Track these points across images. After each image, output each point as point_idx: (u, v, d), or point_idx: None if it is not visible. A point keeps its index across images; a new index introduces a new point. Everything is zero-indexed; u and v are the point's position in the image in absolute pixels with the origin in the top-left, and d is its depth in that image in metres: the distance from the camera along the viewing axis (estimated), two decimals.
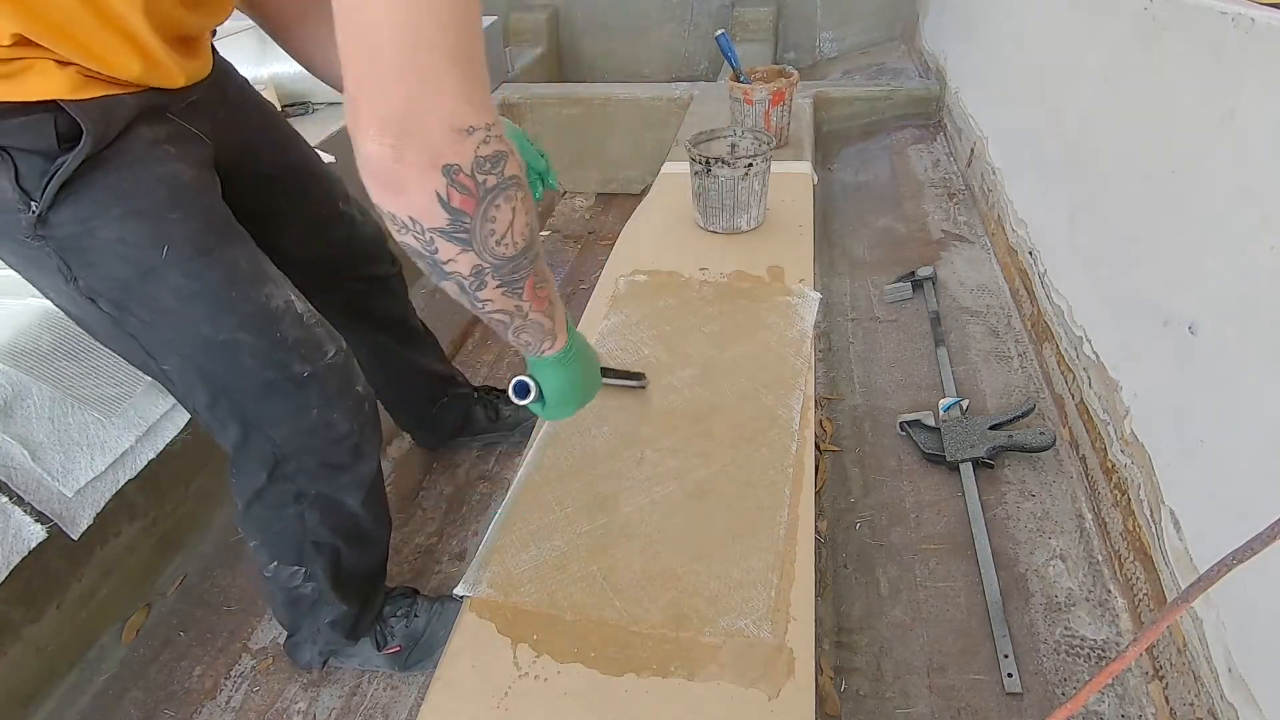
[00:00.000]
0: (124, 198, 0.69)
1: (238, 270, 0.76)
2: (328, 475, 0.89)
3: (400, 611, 1.11)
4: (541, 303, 0.68)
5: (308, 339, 0.82)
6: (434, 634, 1.10)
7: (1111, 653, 1.01)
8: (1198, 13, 1.05)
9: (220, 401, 0.81)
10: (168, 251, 0.71)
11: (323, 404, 0.84)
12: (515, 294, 0.64)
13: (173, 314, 0.74)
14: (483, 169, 0.53)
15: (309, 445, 0.85)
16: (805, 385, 1.12)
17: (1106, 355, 1.22)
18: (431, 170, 0.51)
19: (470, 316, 1.97)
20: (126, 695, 1.12)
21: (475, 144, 0.52)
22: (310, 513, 0.91)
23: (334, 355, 0.85)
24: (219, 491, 1.40)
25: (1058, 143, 1.54)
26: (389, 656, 1.10)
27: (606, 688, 0.77)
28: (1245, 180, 0.91)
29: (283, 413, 0.83)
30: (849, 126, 2.59)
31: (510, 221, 0.57)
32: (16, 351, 1.00)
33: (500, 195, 0.55)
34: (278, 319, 0.79)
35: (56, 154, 0.65)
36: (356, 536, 0.97)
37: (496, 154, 0.53)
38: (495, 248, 0.58)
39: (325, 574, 0.96)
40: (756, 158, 1.43)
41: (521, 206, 0.58)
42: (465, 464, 1.51)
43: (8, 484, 0.99)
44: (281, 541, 0.93)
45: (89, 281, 0.71)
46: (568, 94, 2.62)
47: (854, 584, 1.15)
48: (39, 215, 0.66)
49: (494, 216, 0.56)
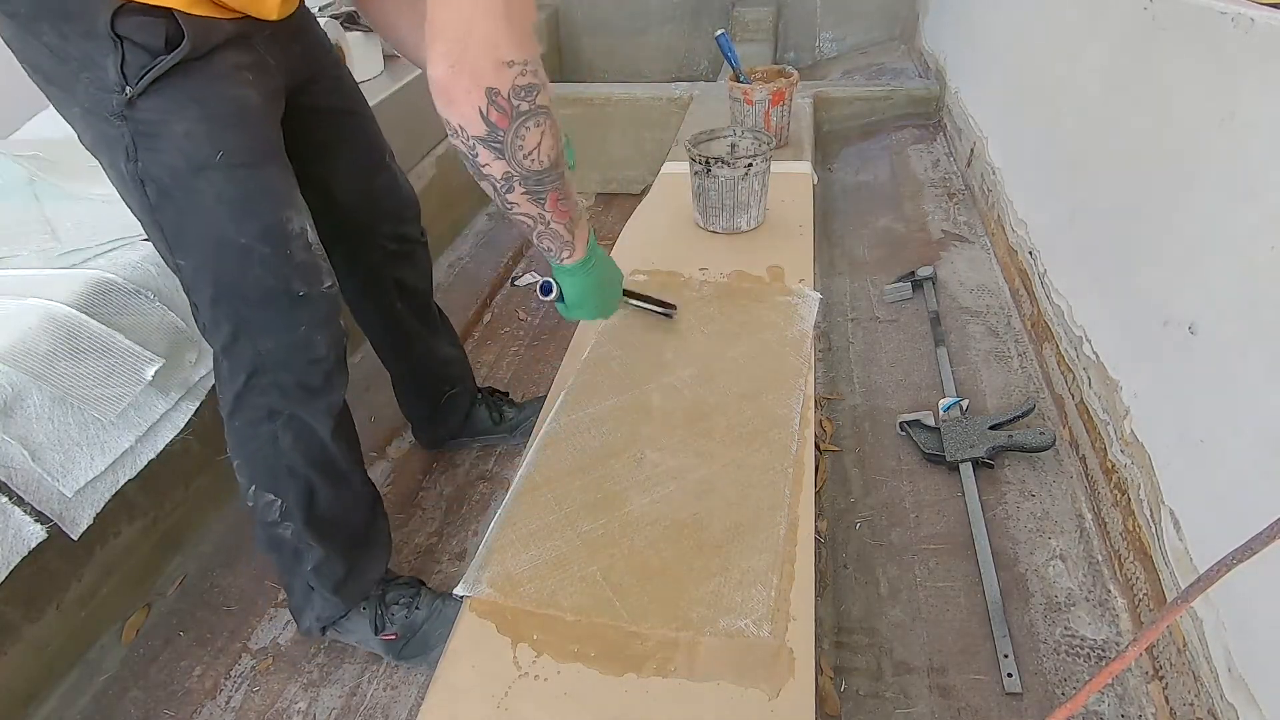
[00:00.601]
0: (200, 103, 0.80)
1: (272, 189, 0.87)
2: (300, 396, 0.96)
3: (404, 600, 1.13)
4: (562, 215, 0.82)
5: (311, 265, 0.91)
6: (431, 631, 1.12)
7: (1111, 653, 1.01)
8: (1197, 13, 1.05)
9: (221, 302, 0.89)
10: (221, 156, 0.82)
11: (310, 324, 0.92)
12: (539, 203, 0.79)
13: (206, 211, 0.84)
14: (518, 95, 0.68)
15: (289, 361, 0.93)
16: (805, 385, 1.12)
17: (1106, 355, 1.22)
18: (476, 90, 0.67)
19: (472, 317, 1.97)
20: (126, 695, 1.12)
21: (514, 75, 0.67)
22: (284, 434, 0.97)
23: (329, 286, 0.94)
24: (219, 491, 1.40)
25: (1058, 143, 1.54)
26: (385, 642, 1.12)
27: (606, 688, 0.77)
28: (1245, 180, 0.91)
29: (274, 323, 0.91)
30: (849, 126, 2.59)
31: (538, 143, 0.73)
32: (16, 352, 1.00)
33: (531, 119, 0.70)
34: (291, 239, 0.89)
35: (160, 52, 0.76)
36: (330, 473, 1.03)
37: (531, 85, 0.69)
38: (524, 161, 0.73)
39: (300, 509, 1.01)
40: (756, 158, 1.43)
41: (550, 132, 0.73)
42: (465, 464, 1.51)
43: (8, 484, 0.98)
44: (258, 462, 0.99)
45: (147, 165, 0.81)
46: (567, 94, 2.61)
47: (854, 584, 1.15)
48: (129, 99, 0.77)
49: (524, 135, 0.71)
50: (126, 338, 1.10)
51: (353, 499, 1.08)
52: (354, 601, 1.11)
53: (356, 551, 1.10)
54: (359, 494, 1.09)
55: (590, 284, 0.94)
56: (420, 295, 1.30)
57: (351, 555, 1.09)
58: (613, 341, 1.25)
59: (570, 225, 0.85)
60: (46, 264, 1.15)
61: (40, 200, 1.33)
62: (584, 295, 0.96)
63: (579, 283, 0.94)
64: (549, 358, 1.83)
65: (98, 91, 0.77)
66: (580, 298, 0.96)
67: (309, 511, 1.02)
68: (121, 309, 1.13)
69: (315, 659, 1.17)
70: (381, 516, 1.15)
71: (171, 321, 1.19)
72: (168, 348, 1.17)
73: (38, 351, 1.02)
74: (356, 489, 1.09)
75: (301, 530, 1.02)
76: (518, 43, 0.66)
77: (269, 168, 0.87)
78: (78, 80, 0.77)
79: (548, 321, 1.98)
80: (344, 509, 1.07)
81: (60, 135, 1.50)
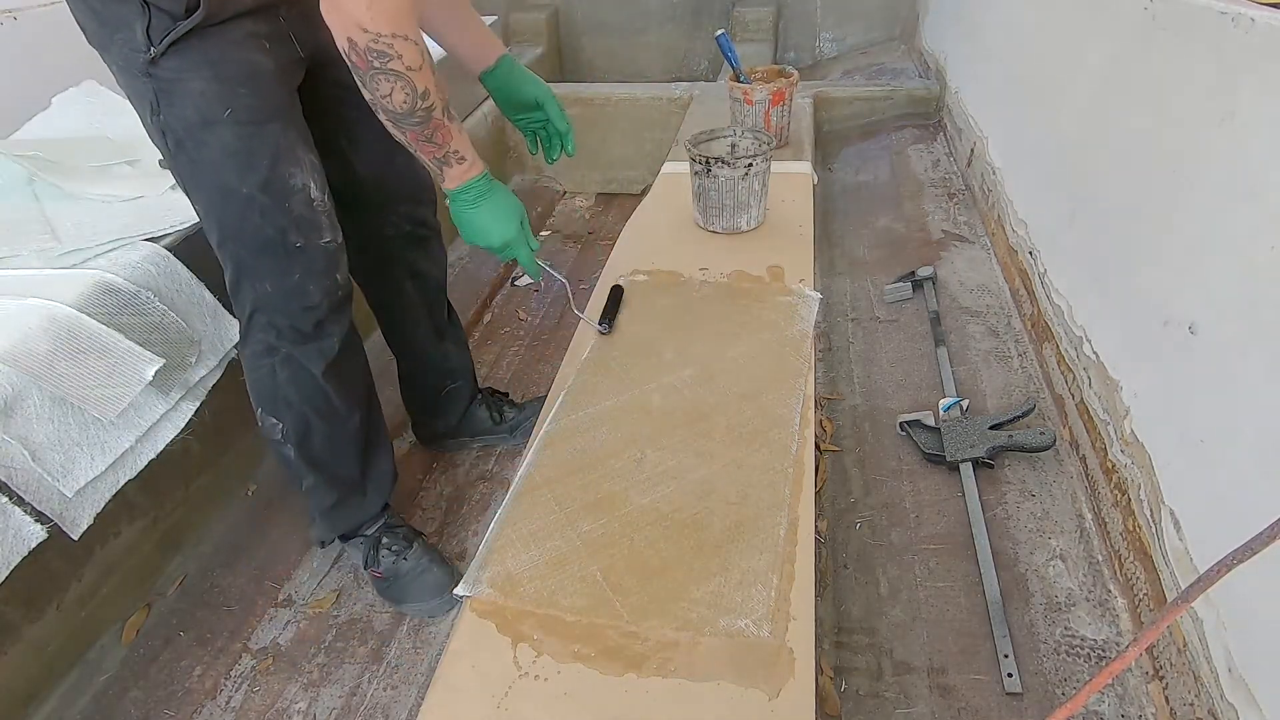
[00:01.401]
0: (213, 64, 0.90)
1: (276, 146, 0.96)
2: (294, 337, 1.06)
3: (395, 548, 1.22)
4: (427, 151, 0.92)
5: (310, 219, 1.00)
6: (409, 584, 1.21)
7: (1111, 653, 1.01)
8: (1198, 13, 1.05)
9: (226, 245, 1.00)
10: (229, 113, 0.92)
11: (303, 273, 1.01)
12: (401, 132, 0.90)
13: (214, 163, 0.94)
14: (371, 55, 0.81)
15: (284, 306, 1.03)
16: (805, 385, 1.12)
17: (1106, 355, 1.22)
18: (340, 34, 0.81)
19: (472, 317, 1.97)
20: (126, 695, 1.12)
21: (369, 39, 0.80)
22: (281, 369, 1.08)
23: (327, 241, 1.03)
24: (219, 491, 1.40)
25: (1058, 142, 1.54)
26: (373, 577, 1.24)
27: (606, 688, 0.77)
28: (1245, 180, 0.91)
29: (270, 269, 1.00)
30: (849, 126, 2.59)
31: (389, 92, 0.84)
32: (17, 352, 1.00)
33: (380, 75, 0.83)
34: (290, 194, 0.98)
35: (180, 18, 0.86)
36: (324, 410, 1.12)
37: (383, 53, 0.81)
38: (379, 100, 0.86)
39: (294, 436, 1.12)
40: (756, 158, 1.43)
41: (401, 89, 0.84)
42: (465, 464, 1.51)
43: (8, 484, 0.98)
44: (261, 389, 1.11)
45: (167, 118, 0.92)
46: (567, 94, 2.61)
47: (854, 584, 1.15)
48: (153, 58, 0.87)
49: (377, 82, 0.84)
50: (126, 338, 1.10)
51: (346, 439, 1.16)
52: (342, 529, 1.23)
53: (347, 488, 1.20)
54: (353, 435, 1.17)
55: (467, 215, 1.01)
56: (431, 283, 1.34)
57: (342, 489, 1.19)
58: (613, 341, 1.25)
59: (439, 160, 0.94)
60: (46, 264, 1.15)
61: (40, 200, 1.33)
62: (461, 219, 1.02)
63: (455, 210, 1.01)
64: (549, 358, 1.83)
65: (129, 51, 0.88)
66: (459, 220, 1.03)
67: (303, 441, 1.13)
68: (121, 309, 1.13)
69: (315, 659, 1.17)
70: (380, 462, 1.23)
71: (171, 321, 1.19)
72: (168, 348, 1.17)
73: (38, 352, 1.02)
74: (352, 430, 1.17)
75: (295, 457, 1.14)
76: (372, 19, 0.78)
77: (274, 125, 0.95)
78: (113, 40, 0.88)
79: (548, 321, 1.98)
80: (336, 446, 1.16)
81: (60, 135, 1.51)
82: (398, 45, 0.81)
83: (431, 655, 1.16)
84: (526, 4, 3.45)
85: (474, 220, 1.02)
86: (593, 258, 2.28)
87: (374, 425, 1.22)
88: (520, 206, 1.06)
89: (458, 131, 0.94)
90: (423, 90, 0.86)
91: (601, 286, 1.41)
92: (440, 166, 0.96)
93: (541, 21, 3.40)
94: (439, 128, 0.91)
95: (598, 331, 1.26)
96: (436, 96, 0.88)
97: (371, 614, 1.23)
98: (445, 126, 0.92)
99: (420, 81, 0.85)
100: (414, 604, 1.21)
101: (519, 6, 3.42)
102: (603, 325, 1.26)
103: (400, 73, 0.83)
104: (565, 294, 2.11)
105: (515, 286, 2.14)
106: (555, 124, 1.26)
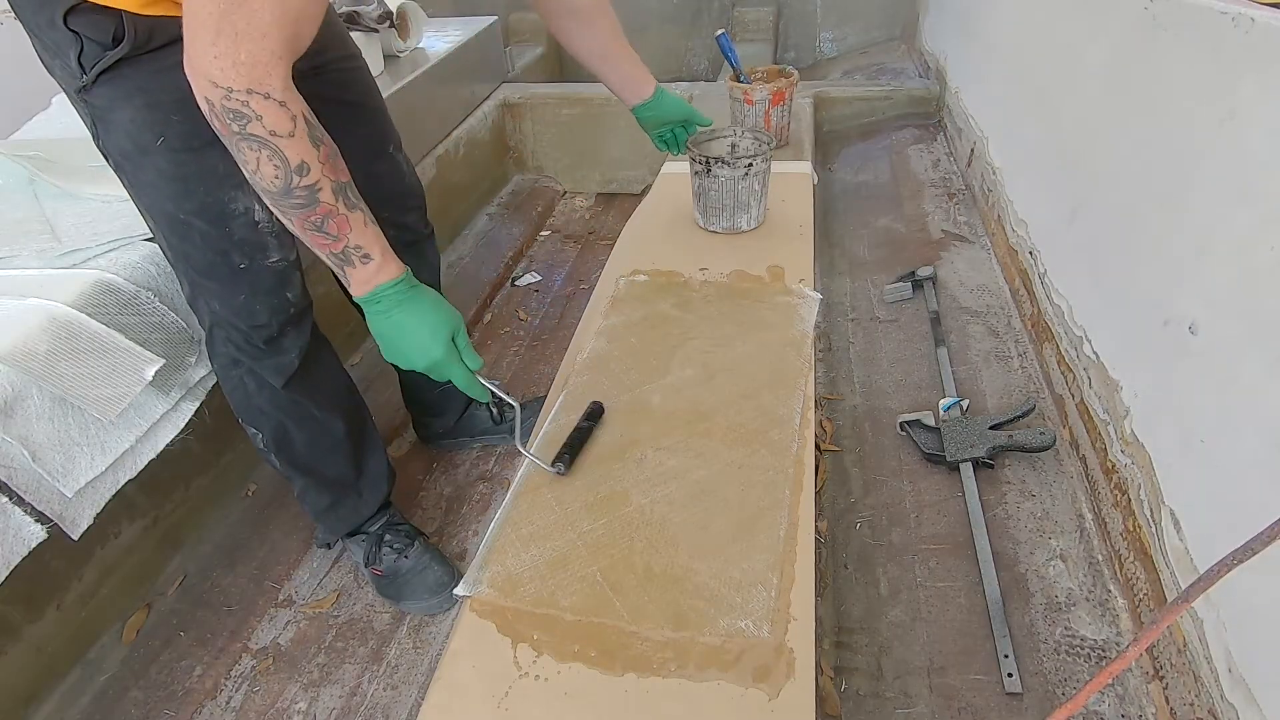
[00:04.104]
0: (144, 92, 0.87)
1: (213, 172, 0.91)
2: (252, 352, 1.05)
3: (396, 546, 1.23)
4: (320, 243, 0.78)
5: (253, 241, 0.97)
6: (409, 582, 1.21)
7: (1111, 653, 1.01)
8: (1198, 13, 1.05)
9: (177, 264, 1.01)
10: (162, 141, 0.89)
11: (249, 293, 1.00)
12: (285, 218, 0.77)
13: (152, 187, 0.93)
14: (228, 116, 0.68)
15: (234, 323, 1.02)
16: (805, 385, 1.12)
17: (1106, 355, 1.22)
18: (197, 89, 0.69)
19: (472, 317, 1.97)
20: (126, 695, 1.12)
21: (221, 96, 0.68)
22: (249, 379, 1.08)
23: (275, 260, 1.00)
24: (219, 491, 1.40)
25: (1058, 142, 1.54)
26: (373, 575, 1.24)
27: (606, 688, 0.77)
28: (1245, 180, 0.91)
29: (217, 289, 1.00)
30: (849, 126, 2.59)
31: (255, 167, 0.72)
32: (17, 352, 1.00)
33: (242, 143, 0.70)
34: (230, 218, 0.95)
35: (109, 47, 0.83)
36: (299, 416, 1.12)
37: (238, 113, 0.68)
38: (250, 177, 0.74)
39: (274, 444, 1.12)
40: (756, 158, 1.43)
41: (266, 159, 0.71)
42: (465, 464, 1.51)
43: (8, 484, 0.98)
44: (235, 399, 1.11)
45: (105, 143, 0.92)
46: (568, 94, 2.61)
47: (854, 584, 1.15)
48: (84, 86, 0.86)
49: (243, 154, 0.71)
50: (126, 338, 1.10)
51: (330, 443, 1.16)
52: (343, 530, 1.24)
53: (340, 489, 1.20)
54: (338, 439, 1.17)
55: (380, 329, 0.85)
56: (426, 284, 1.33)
57: (335, 491, 1.20)
58: (613, 341, 1.25)
59: (337, 258, 0.79)
60: (46, 264, 1.15)
61: (40, 200, 1.33)
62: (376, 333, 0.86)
63: (369, 321, 0.86)
64: (549, 358, 1.83)
65: (68, 76, 0.87)
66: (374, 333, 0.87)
67: (283, 448, 1.13)
68: (121, 309, 1.13)
69: (315, 659, 1.17)
70: (372, 462, 1.23)
71: (172, 321, 1.19)
72: (168, 348, 1.17)
73: (38, 352, 1.02)
74: (336, 435, 1.16)
75: (280, 463, 1.14)
76: (222, 71, 0.66)
77: (210, 152, 0.89)
78: (55, 65, 0.88)
79: (548, 321, 1.98)
80: (320, 451, 1.16)
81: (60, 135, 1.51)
82: (256, 104, 0.68)
83: (431, 655, 1.16)
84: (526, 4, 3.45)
85: (389, 336, 0.85)
86: (593, 258, 2.28)
87: (360, 427, 1.21)
88: (451, 316, 0.88)
89: (361, 223, 0.79)
90: (297, 163, 0.72)
91: (601, 286, 1.41)
92: (340, 265, 0.80)
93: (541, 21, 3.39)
94: (330, 214, 0.76)
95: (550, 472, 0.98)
96: (322, 173, 0.74)
97: (371, 614, 1.23)
98: (339, 214, 0.76)
99: (292, 152, 0.71)
100: (413, 602, 1.21)
101: (519, 6, 3.42)
102: (557, 466, 0.98)
103: (263, 139, 0.69)
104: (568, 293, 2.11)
105: (515, 286, 2.14)
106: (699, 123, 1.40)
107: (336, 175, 0.76)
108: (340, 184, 0.77)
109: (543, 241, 2.42)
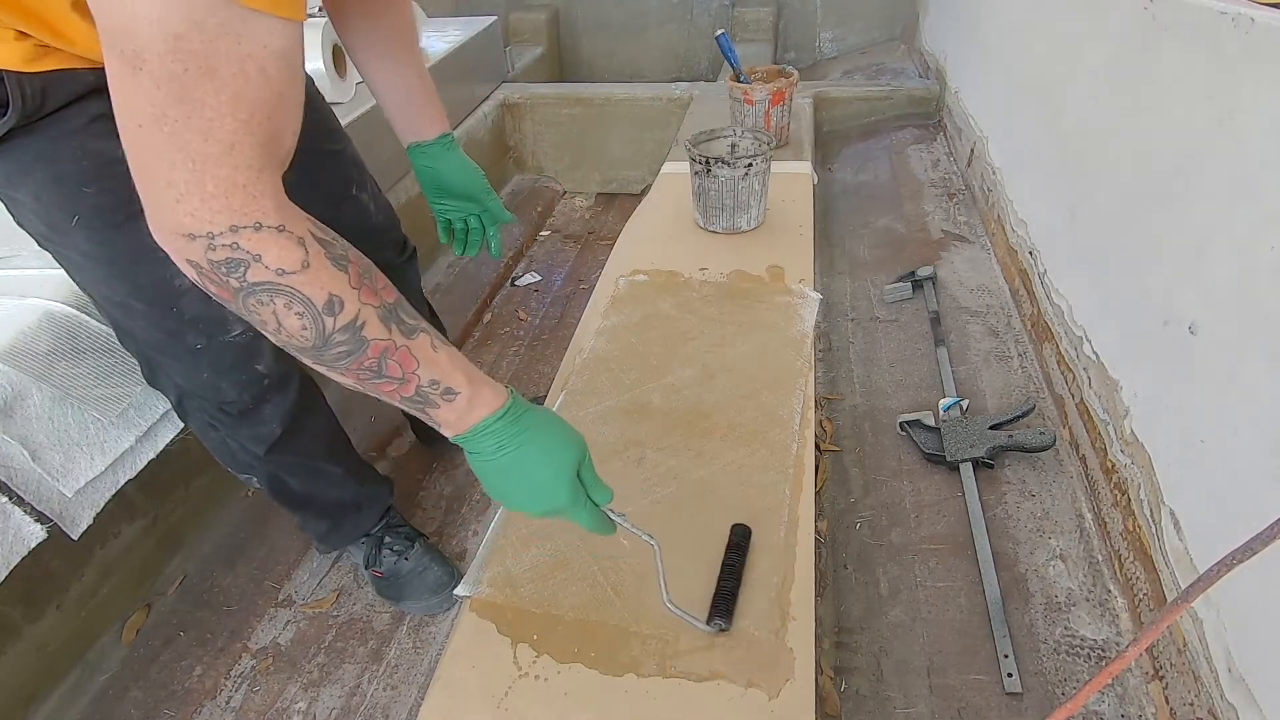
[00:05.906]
0: (47, 163, 0.74)
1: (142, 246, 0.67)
2: (226, 422, 0.97)
3: (397, 548, 1.22)
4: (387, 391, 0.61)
5: (208, 316, 0.86)
6: (409, 583, 1.21)
7: (1111, 653, 1.01)
8: (1197, 13, 1.05)
9: (126, 340, 0.91)
10: (77, 219, 0.77)
11: (213, 372, 0.90)
12: (339, 373, 0.59)
13: (79, 268, 0.83)
14: (223, 270, 0.51)
15: (202, 396, 0.94)
16: (805, 385, 1.12)
17: (1106, 355, 1.22)
18: (174, 253, 0.52)
19: (472, 317, 1.97)
20: (126, 695, 1.12)
21: (203, 248, 0.50)
22: (230, 441, 1.01)
23: (238, 335, 0.90)
24: (219, 491, 1.40)
25: (1058, 142, 1.54)
26: (373, 576, 1.23)
27: (606, 688, 0.77)
28: (1245, 180, 0.91)
29: (176, 368, 0.91)
30: (849, 126, 2.59)
31: (276, 324, 0.54)
32: (16, 352, 1.00)
33: (251, 298, 0.53)
34: (177, 296, 0.83)
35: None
36: (291, 466, 1.06)
37: (231, 260, 0.51)
38: (277, 336, 0.56)
39: (270, 490, 1.09)
40: (756, 158, 1.43)
41: (286, 310, 0.53)
42: (465, 464, 1.51)
43: (8, 484, 0.98)
44: (221, 455, 1.05)
45: (20, 222, 0.81)
46: (568, 94, 2.61)
47: (854, 584, 1.15)
48: None
49: (256, 313, 0.54)
50: None
51: (326, 483, 1.13)
52: (344, 545, 1.23)
53: (339, 512, 1.18)
54: (332, 478, 1.14)
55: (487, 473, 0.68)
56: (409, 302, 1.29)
57: (335, 515, 1.18)
58: (613, 341, 1.25)
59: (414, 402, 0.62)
60: (46, 264, 1.15)
61: None
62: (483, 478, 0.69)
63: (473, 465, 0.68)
64: (549, 358, 1.83)
65: None
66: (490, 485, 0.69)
67: (279, 492, 1.10)
68: None
69: (315, 659, 1.17)
70: (370, 485, 1.21)
71: None
72: None
73: (38, 351, 1.02)
74: (331, 475, 1.13)
75: (278, 502, 1.12)
76: (194, 216, 0.49)
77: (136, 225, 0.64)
78: None
79: (548, 321, 1.98)
80: (318, 490, 1.13)
81: None
82: (248, 242, 0.50)
83: (431, 655, 1.16)
84: (526, 4, 3.45)
85: (498, 484, 0.68)
86: (593, 258, 2.28)
87: (353, 464, 1.17)
88: (574, 445, 0.69)
89: (428, 349, 0.61)
90: (324, 301, 0.54)
91: (601, 286, 1.41)
92: (421, 410, 0.63)
93: (541, 21, 3.39)
94: (387, 352, 0.58)
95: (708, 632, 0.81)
96: (361, 302, 0.56)
97: (371, 614, 1.23)
98: (398, 348, 0.59)
99: (313, 288, 0.53)
100: (413, 602, 1.21)
101: (519, 6, 3.42)
102: (715, 624, 0.80)
103: (273, 285, 0.52)
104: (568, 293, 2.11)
105: (515, 286, 2.14)
106: (495, 215, 1.08)
107: (380, 298, 0.58)
108: (388, 307, 0.58)
109: (543, 241, 2.42)
